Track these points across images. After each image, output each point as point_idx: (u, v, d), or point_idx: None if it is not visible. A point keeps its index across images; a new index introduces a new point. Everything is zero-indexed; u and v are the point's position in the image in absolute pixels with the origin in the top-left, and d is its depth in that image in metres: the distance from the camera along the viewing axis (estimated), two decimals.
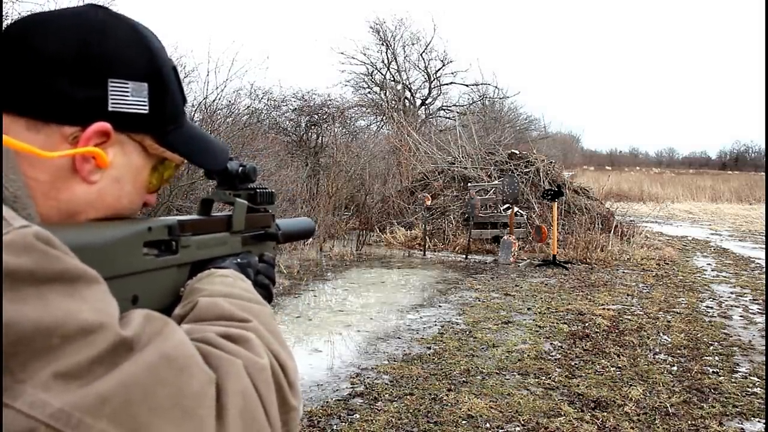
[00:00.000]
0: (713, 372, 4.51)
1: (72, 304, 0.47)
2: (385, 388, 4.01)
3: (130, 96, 0.65)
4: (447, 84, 23.18)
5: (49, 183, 0.61)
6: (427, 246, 9.77)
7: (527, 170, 11.38)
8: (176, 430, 0.49)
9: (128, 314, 0.53)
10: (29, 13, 0.68)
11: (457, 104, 22.87)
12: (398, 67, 22.90)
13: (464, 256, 9.36)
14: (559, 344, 5.07)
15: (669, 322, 5.84)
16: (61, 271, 0.48)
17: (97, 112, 0.63)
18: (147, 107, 0.66)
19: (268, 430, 0.57)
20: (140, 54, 0.66)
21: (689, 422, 3.63)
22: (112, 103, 0.63)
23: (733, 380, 4.34)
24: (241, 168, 0.85)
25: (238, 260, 0.81)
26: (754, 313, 6.35)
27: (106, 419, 0.46)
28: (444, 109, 23.08)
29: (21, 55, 0.61)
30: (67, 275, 0.48)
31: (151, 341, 0.51)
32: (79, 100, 0.62)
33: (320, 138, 15.01)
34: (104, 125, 0.63)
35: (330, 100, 15.74)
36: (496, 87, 22.22)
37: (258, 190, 0.87)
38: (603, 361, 4.67)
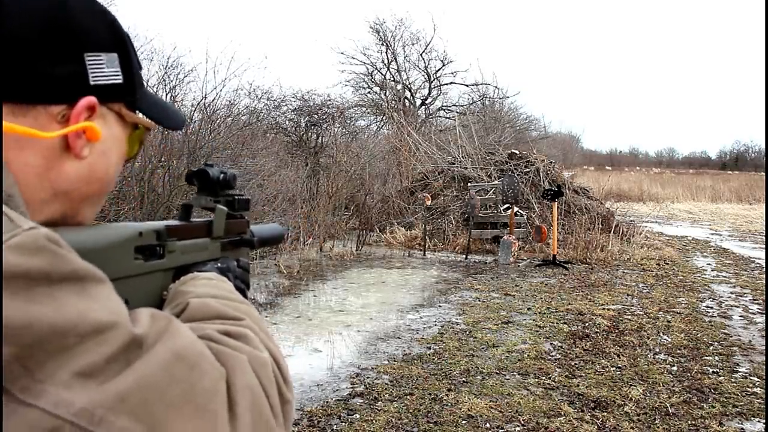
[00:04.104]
0: (713, 372, 4.50)
1: (84, 303, 0.48)
2: (385, 388, 4.01)
3: (106, 68, 0.66)
4: (447, 84, 23.17)
5: (42, 165, 0.61)
6: (427, 246, 9.77)
7: (527, 170, 11.38)
8: (192, 425, 0.50)
9: (135, 313, 0.54)
10: None
11: (457, 104, 22.86)
12: (398, 67, 22.89)
13: (464, 256, 9.35)
14: (559, 344, 5.07)
15: (669, 322, 5.84)
16: (71, 272, 0.48)
17: (81, 87, 0.64)
18: (121, 77, 0.68)
19: (273, 422, 0.59)
20: (105, 25, 0.67)
21: (689, 422, 3.63)
22: (93, 77, 0.64)
23: (733, 380, 4.34)
24: (222, 175, 0.85)
25: (219, 265, 0.82)
26: (754, 313, 6.34)
27: (126, 416, 0.47)
28: (444, 109, 23.06)
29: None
30: (76, 275, 0.49)
31: (159, 339, 0.52)
32: (61, 78, 0.62)
33: (320, 138, 15.01)
34: (92, 99, 0.64)
35: (330, 100, 15.74)
36: (496, 87, 22.17)
37: (236, 197, 0.88)
38: (603, 361, 4.67)
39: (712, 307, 6.55)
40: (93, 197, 0.68)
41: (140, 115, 0.73)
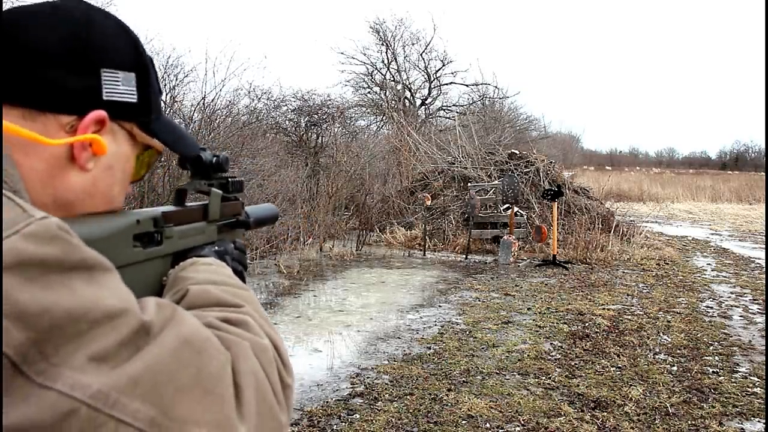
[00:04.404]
0: (713, 372, 4.50)
1: (94, 290, 0.50)
2: (385, 388, 4.01)
3: (121, 85, 0.67)
4: (447, 84, 23.18)
5: (45, 171, 0.62)
6: (427, 246, 9.77)
7: (527, 170, 11.38)
8: (200, 408, 0.52)
9: (141, 301, 0.56)
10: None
11: (457, 104, 22.86)
12: (398, 67, 22.90)
13: (464, 256, 9.35)
14: (559, 344, 5.07)
15: (669, 322, 5.84)
16: (80, 260, 0.50)
17: (93, 101, 0.65)
18: (136, 96, 0.69)
19: (276, 406, 0.60)
20: (127, 45, 0.69)
21: (689, 422, 3.63)
22: (106, 93, 0.65)
23: (733, 380, 4.34)
24: (214, 158, 0.86)
25: (216, 248, 0.83)
26: (754, 313, 6.34)
27: (138, 399, 0.49)
28: (444, 109, 23.07)
29: (13, 49, 0.61)
30: (85, 264, 0.51)
31: (166, 326, 0.54)
32: (75, 89, 0.63)
33: (320, 138, 15.01)
34: (102, 113, 0.65)
35: (330, 100, 15.73)
36: (496, 87, 22.17)
37: (230, 179, 0.89)
38: (603, 361, 4.67)
39: (712, 307, 6.55)
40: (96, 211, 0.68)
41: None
